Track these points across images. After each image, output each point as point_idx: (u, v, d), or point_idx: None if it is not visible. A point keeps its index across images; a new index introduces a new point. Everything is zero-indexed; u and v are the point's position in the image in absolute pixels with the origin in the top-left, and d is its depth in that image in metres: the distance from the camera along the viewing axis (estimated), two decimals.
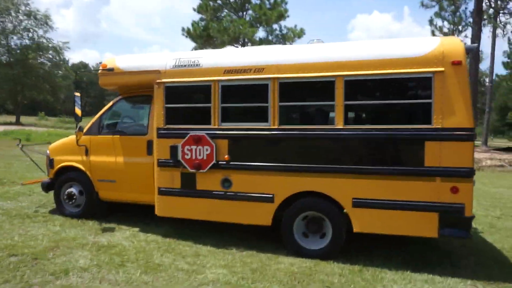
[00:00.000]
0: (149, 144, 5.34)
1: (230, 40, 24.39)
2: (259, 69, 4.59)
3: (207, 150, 4.75)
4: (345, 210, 4.37)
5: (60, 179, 5.89)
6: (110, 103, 5.76)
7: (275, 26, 27.28)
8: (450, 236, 4.05)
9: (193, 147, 4.80)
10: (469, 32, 28.70)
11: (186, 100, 5.05)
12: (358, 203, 4.28)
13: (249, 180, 4.67)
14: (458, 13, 30.34)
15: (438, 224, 4.03)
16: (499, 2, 23.37)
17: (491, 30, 26.90)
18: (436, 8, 28.14)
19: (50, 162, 5.98)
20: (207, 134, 4.75)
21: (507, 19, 24.19)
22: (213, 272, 4.00)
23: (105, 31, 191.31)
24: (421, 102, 4.12)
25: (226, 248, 4.73)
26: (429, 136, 4.02)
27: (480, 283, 3.89)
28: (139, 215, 6.05)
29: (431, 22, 32.50)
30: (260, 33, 26.80)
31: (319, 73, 4.36)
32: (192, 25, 25.04)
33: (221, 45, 25.95)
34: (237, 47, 26.39)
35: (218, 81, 4.74)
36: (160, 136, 5.01)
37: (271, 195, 4.58)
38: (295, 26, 27.08)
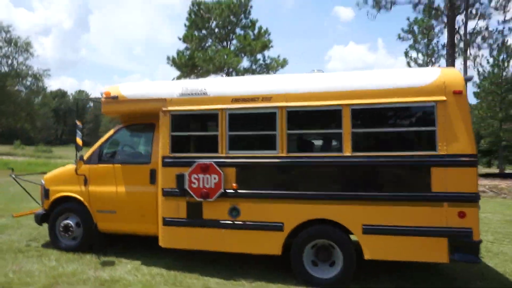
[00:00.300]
0: (152, 173, 5.26)
1: (215, 69, 24.82)
2: (267, 98, 4.69)
3: (214, 178, 4.71)
4: (354, 237, 4.38)
5: (56, 210, 5.66)
6: (111, 132, 5.68)
7: (259, 56, 28.07)
8: (459, 261, 4.10)
9: (201, 175, 4.75)
10: (442, 63, 30.31)
11: (193, 128, 5.06)
12: (368, 230, 4.31)
13: (257, 209, 4.64)
14: (431, 46, 32.33)
15: (447, 249, 4.10)
16: (468, 36, 24.96)
17: (462, 62, 28.63)
18: (411, 41, 29.82)
19: (45, 193, 5.75)
20: (214, 162, 4.73)
21: (475, 52, 25.75)
22: None
23: (84, 59, 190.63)
24: (425, 129, 4.28)
25: (235, 279, 4.60)
26: (434, 162, 4.16)
27: None
28: (138, 247, 5.85)
29: (406, 53, 34.42)
30: (244, 63, 27.35)
31: (326, 101, 4.49)
32: (177, 54, 25.38)
33: (206, 74, 26.36)
34: (222, 76, 26.87)
35: (226, 109, 4.79)
36: (165, 164, 4.95)
37: (281, 224, 4.55)
38: (278, 56, 27.91)
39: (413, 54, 33.11)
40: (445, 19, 21.55)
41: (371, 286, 4.36)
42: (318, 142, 4.75)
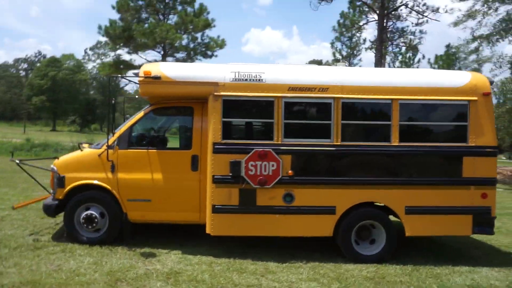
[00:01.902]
0: (194, 159, 5.05)
1: (155, 44, 23.33)
2: (324, 89, 4.87)
3: (272, 165, 4.77)
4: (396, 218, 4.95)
5: (74, 199, 5.04)
6: (141, 114, 5.20)
7: (197, 34, 27.14)
8: (479, 233, 5.00)
9: (258, 162, 4.76)
10: (363, 56, 33.46)
11: (246, 115, 4.98)
12: (410, 210, 4.91)
13: (311, 194, 4.87)
14: (354, 40, 35.47)
15: (472, 224, 4.94)
16: (389, 35, 27.90)
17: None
18: (338, 34, 32.08)
19: (59, 180, 5.04)
20: (272, 149, 4.78)
21: (393, 49, 28.94)
22: (308, 286, 4.10)
23: None
24: (459, 124, 5.00)
25: (290, 262, 4.80)
26: (466, 152, 4.92)
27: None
28: (151, 236, 5.55)
29: (332, 44, 37.34)
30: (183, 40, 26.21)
31: (378, 95, 4.89)
32: (111, 24, 23.04)
33: (143, 48, 24.63)
34: (159, 52, 25.39)
35: (282, 97, 4.84)
36: (216, 151, 4.81)
37: (333, 207, 4.88)
38: (218, 36, 27.39)
39: (338, 45, 36.12)
40: (376, 17, 23.71)
41: (403, 262, 4.93)
42: (368, 132, 5.11)
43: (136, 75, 4.99)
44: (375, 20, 24.06)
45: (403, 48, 29.85)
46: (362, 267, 4.74)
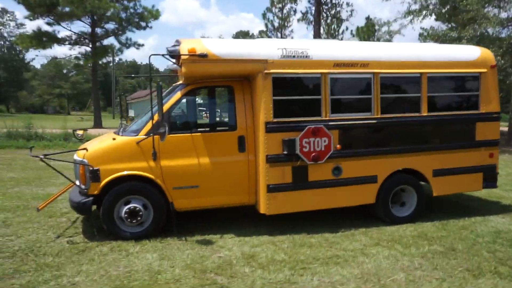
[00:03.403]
0: (241, 140, 4.89)
1: (84, 14, 20.85)
2: (365, 64, 5.04)
3: (325, 141, 4.87)
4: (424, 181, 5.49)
5: (113, 193, 4.53)
6: (178, 95, 4.78)
7: (130, 4, 24.97)
8: (487, 187, 5.81)
9: (311, 139, 4.80)
10: (295, 27, 34.39)
11: (294, 92, 4.91)
12: (436, 173, 5.48)
13: (356, 165, 5.12)
14: (285, 11, 36.24)
15: (482, 180, 5.72)
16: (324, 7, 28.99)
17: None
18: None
19: (94, 174, 4.47)
20: (324, 125, 4.86)
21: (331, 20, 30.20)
22: (378, 251, 4.39)
23: None
24: (473, 94, 5.62)
25: (341, 231, 5.04)
26: (478, 118, 5.59)
27: None
28: (186, 223, 5.37)
29: (264, 15, 37.78)
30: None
31: (410, 69, 5.23)
32: None
33: (68, 18, 21.91)
34: (89, 23, 22.85)
35: (328, 73, 4.89)
36: (270, 130, 4.72)
37: (375, 176, 5.21)
38: (153, 6, 25.62)
39: (270, 16, 36.62)
40: None
41: (427, 220, 5.57)
42: (402, 104, 5.44)
43: (173, 52, 4.55)
44: None
45: (334, 21, 31.41)
46: (400, 227, 5.20)
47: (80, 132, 6.08)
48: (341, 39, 30.32)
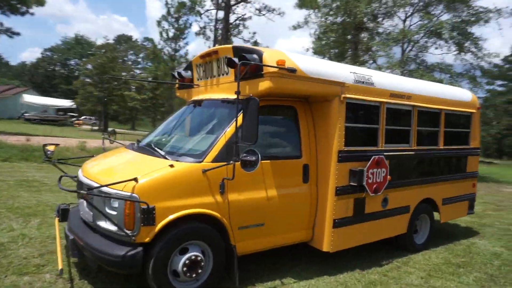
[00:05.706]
0: (306, 169, 4.31)
1: None
2: (409, 96, 5.15)
3: (383, 172, 4.71)
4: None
5: (170, 239, 3.33)
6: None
7: None
8: (468, 214, 6.60)
9: (375, 170, 4.58)
10: (191, 39, 34.09)
11: (360, 120, 4.61)
12: (445, 201, 5.96)
13: (397, 196, 5.13)
14: (181, 22, 35.89)
15: (467, 207, 6.49)
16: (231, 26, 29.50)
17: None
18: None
19: (148, 214, 3.19)
20: (384, 156, 4.70)
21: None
22: (449, 280, 4.42)
23: None
24: (467, 131, 6.37)
25: (389, 263, 4.93)
26: (469, 153, 6.37)
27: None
28: None
29: (159, 23, 36.49)
30: None
31: (434, 105, 5.61)
32: None
33: None
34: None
35: (386, 103, 4.81)
36: (341, 160, 4.30)
37: (409, 206, 5.32)
38: None
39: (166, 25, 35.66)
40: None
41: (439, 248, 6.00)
42: (427, 137, 5.70)
43: (246, 60, 3.70)
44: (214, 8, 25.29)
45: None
46: (422, 255, 5.43)
47: (50, 148, 4.42)
48: None
